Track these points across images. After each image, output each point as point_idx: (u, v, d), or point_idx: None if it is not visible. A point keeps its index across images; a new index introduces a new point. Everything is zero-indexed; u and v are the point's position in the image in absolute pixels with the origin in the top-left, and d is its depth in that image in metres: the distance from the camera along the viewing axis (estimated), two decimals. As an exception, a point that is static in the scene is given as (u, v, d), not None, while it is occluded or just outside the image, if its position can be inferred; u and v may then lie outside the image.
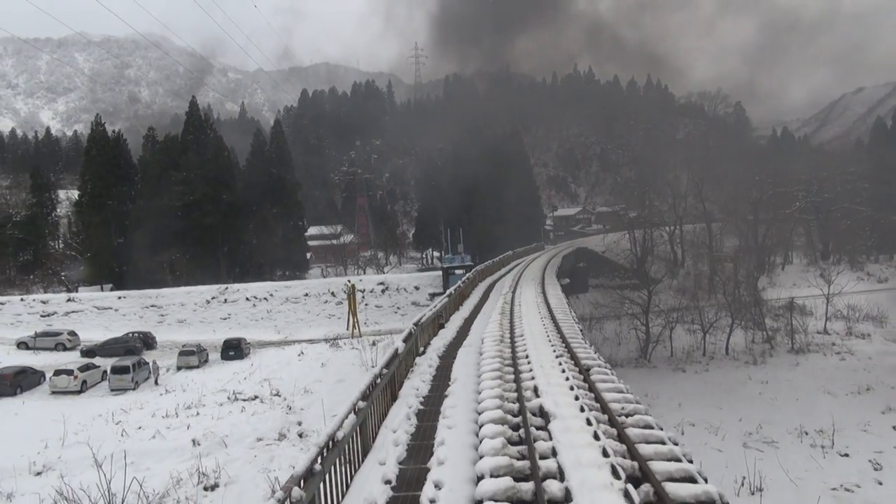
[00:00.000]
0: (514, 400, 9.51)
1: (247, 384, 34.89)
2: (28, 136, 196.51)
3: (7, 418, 30.83)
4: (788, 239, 69.22)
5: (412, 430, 9.66)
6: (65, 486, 21.00)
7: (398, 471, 8.08)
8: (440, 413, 9.74)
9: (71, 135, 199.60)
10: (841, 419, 26.18)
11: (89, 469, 22.42)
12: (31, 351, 44.16)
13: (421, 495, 6.84)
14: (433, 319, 17.84)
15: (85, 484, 20.53)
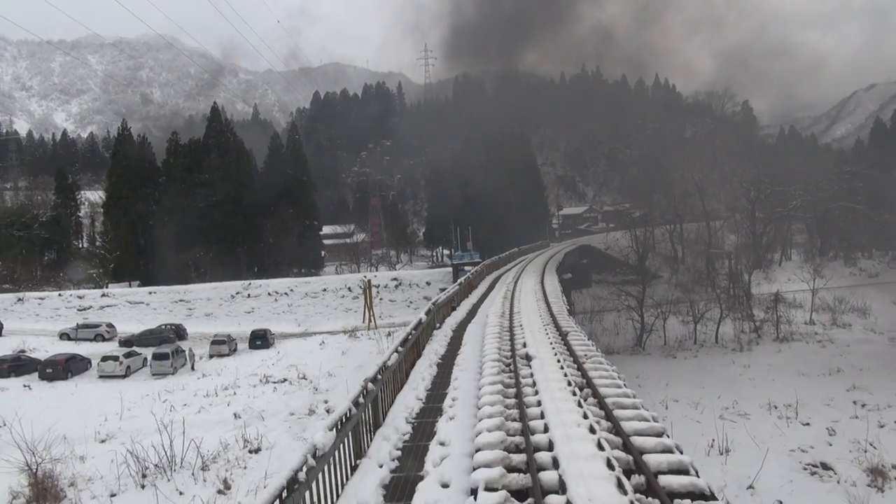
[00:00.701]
0: (509, 350, 13.23)
1: (275, 369, 38.77)
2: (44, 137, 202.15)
3: (65, 398, 34.79)
4: (785, 236, 72.28)
5: (434, 373, 13.38)
6: (130, 448, 24.90)
7: (426, 394, 11.81)
8: (454, 364, 13.45)
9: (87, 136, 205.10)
10: (809, 396, 29.67)
11: (146, 437, 26.27)
12: (73, 341, 48.18)
13: (443, 404, 10.54)
14: (447, 302, 21.58)
15: (145, 448, 24.43)
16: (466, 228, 63.66)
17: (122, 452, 25.07)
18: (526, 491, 6.43)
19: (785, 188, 75.68)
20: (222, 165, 70.47)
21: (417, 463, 8.30)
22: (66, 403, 33.73)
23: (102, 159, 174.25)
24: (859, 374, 32.88)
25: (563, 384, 10.16)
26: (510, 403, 9.43)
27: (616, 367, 13.54)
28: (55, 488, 22.32)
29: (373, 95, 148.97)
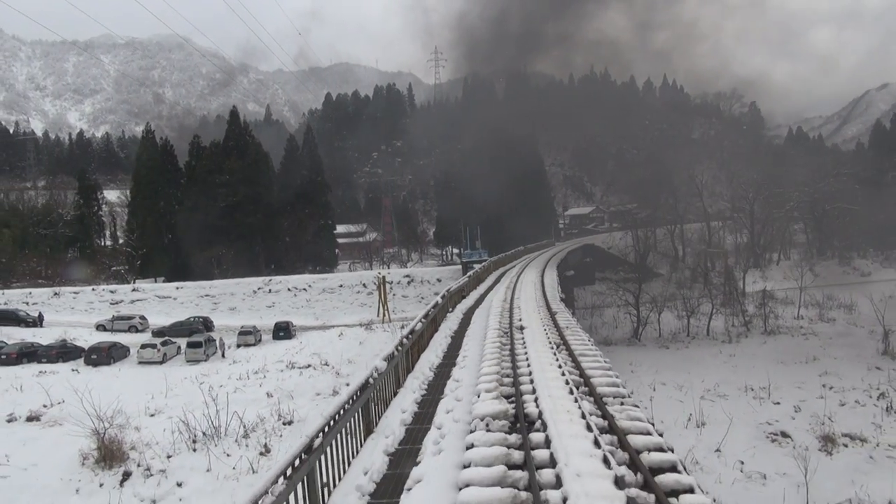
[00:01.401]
0: (507, 324, 16.98)
1: (299, 357, 42.69)
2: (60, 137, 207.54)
3: (111, 380, 38.80)
4: (782, 236, 75.48)
5: (448, 342, 17.18)
6: (178, 421, 28.83)
7: (443, 354, 15.60)
8: (465, 335, 17.24)
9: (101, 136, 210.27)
10: (783, 380, 33.26)
11: (190, 412, 30.18)
12: (109, 332, 52.25)
13: (456, 359, 14.30)
14: (458, 291, 25.37)
15: (192, 420, 28.33)
16: (475, 228, 67.40)
17: (170, 425, 29.13)
18: (518, 422, 10.08)
19: (784, 189, 79.00)
20: (242, 167, 74.52)
21: (438, 392, 12.06)
22: (112, 385, 37.66)
23: (117, 159, 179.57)
24: (833, 362, 36.37)
25: (545, 343, 13.93)
26: (505, 356, 13.18)
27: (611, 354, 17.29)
28: (119, 450, 26.30)
29: (383, 97, 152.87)
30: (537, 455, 7.32)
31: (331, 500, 7.63)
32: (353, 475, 8.37)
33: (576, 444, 7.43)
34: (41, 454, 27.60)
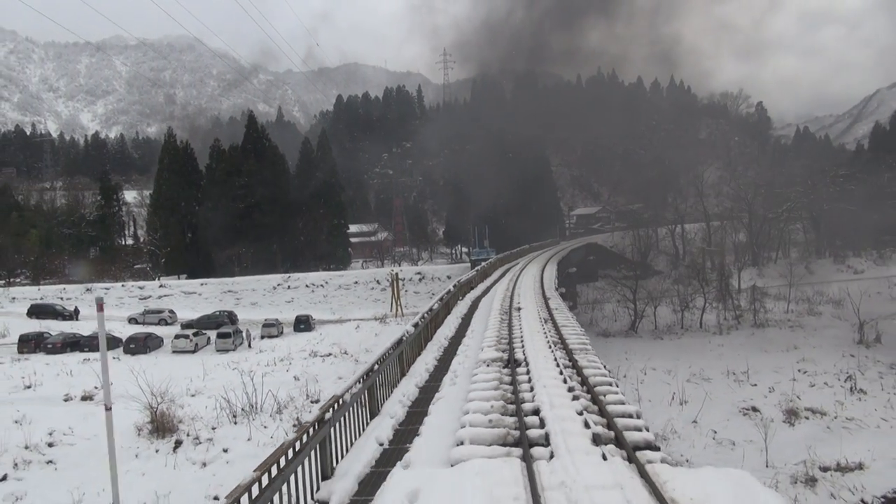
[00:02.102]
0: (508, 306, 20.84)
1: (320, 346, 46.67)
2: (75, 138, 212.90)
3: (150, 366, 42.77)
4: (780, 236, 78.75)
5: (459, 322, 21.04)
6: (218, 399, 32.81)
7: (455, 330, 19.44)
8: (473, 317, 21.09)
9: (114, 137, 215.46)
10: (763, 366, 36.90)
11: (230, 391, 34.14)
12: (140, 325, 56.44)
13: (466, 333, 18.16)
14: (467, 283, 29.26)
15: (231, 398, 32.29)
16: (483, 228, 71.22)
17: (211, 403, 33.20)
18: (509, 360, 13.96)
19: (783, 190, 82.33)
20: (259, 169, 78.64)
21: (452, 353, 15.91)
22: (151, 370, 41.71)
23: (131, 160, 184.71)
24: (811, 351, 39.95)
25: (537, 319, 17.78)
26: (504, 326, 17.03)
27: (608, 344, 21.11)
28: (171, 423, 30.36)
29: (393, 99, 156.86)
30: (520, 377, 11.18)
31: (384, 407, 11.54)
32: (394, 397, 12.28)
33: (547, 372, 11.31)
34: (100, 427, 31.60)
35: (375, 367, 11.26)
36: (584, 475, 6.66)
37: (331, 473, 8.34)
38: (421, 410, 11.04)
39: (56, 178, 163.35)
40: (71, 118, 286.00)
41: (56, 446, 29.48)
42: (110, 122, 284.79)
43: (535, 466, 6.94)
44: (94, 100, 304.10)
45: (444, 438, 8.96)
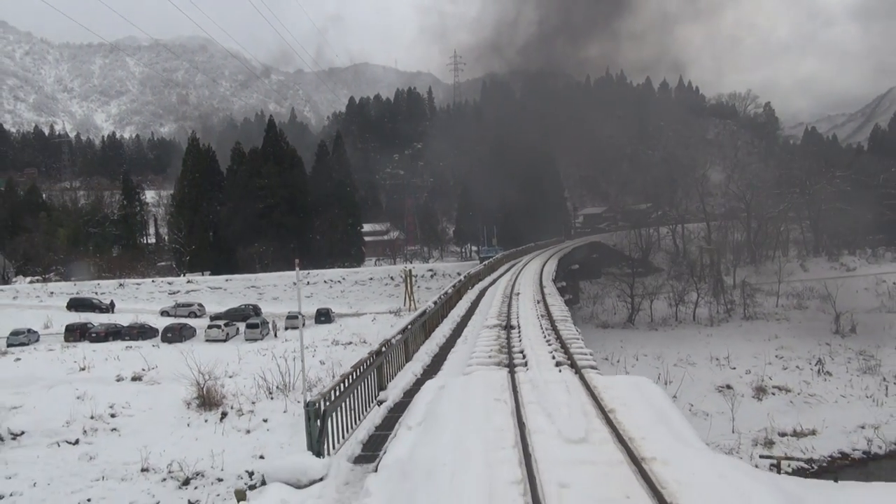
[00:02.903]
0: (510, 292, 25.31)
1: (341, 336, 51.25)
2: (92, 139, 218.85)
3: (187, 353, 47.30)
4: (777, 235, 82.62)
5: (468, 306, 25.51)
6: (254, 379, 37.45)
7: (465, 311, 23.92)
8: (480, 301, 25.56)
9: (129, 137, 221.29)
10: (744, 352, 41.14)
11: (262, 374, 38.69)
12: (172, 317, 61.18)
13: (475, 312, 22.67)
14: (476, 275, 33.74)
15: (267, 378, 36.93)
16: (492, 227, 75.61)
17: (248, 382, 37.89)
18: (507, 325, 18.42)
19: (782, 190, 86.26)
20: (278, 172, 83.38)
21: (463, 325, 20.36)
22: (189, 356, 46.44)
23: (147, 160, 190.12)
24: (791, 340, 44.13)
25: (531, 300, 22.25)
26: (504, 306, 21.48)
27: (606, 335, 25.56)
28: (216, 397, 35.03)
29: (404, 100, 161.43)
30: (513, 335, 15.67)
31: (414, 356, 16.05)
32: (421, 351, 16.76)
33: (532, 332, 15.83)
34: (153, 402, 36.52)
35: (409, 327, 15.74)
36: (544, 376, 11.17)
37: (385, 386, 12.78)
38: (441, 357, 15.56)
39: (74, 178, 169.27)
40: (85, 118, 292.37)
41: (117, 417, 34.28)
42: (124, 122, 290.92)
43: (516, 373, 11.45)
44: (107, 100, 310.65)
45: (459, 369, 13.45)
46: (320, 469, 8.33)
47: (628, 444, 7.78)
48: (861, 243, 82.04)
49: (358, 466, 8.84)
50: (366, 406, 11.33)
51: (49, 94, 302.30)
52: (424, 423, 9.05)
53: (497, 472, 7.00)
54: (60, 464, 30.26)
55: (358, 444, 9.79)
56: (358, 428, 10.51)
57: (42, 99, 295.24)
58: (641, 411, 9.26)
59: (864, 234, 79.93)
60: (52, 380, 40.27)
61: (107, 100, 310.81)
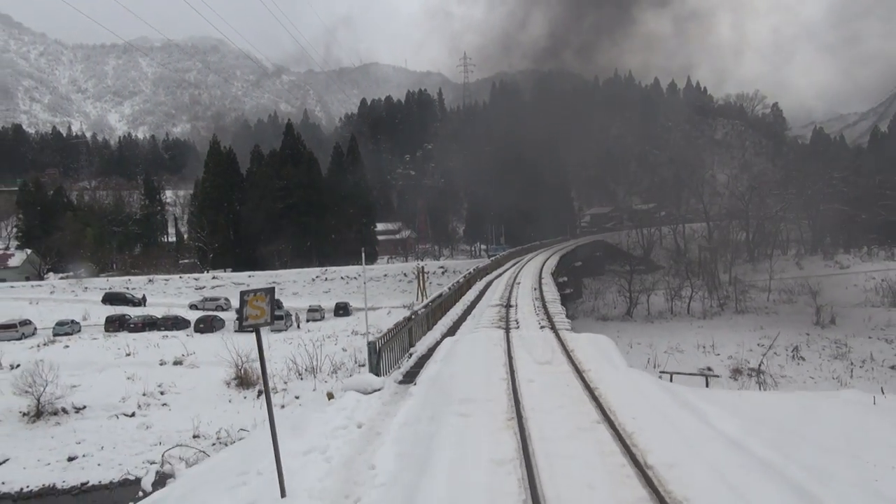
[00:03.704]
0: (512, 282, 29.93)
1: (359, 327, 55.92)
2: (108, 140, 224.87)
3: (218, 341, 52.27)
4: (776, 234, 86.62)
5: (477, 293, 30.11)
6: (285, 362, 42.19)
7: (475, 296, 28.55)
8: (486, 290, 30.19)
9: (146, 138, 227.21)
10: (729, 341, 45.50)
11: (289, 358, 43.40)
12: (200, 311, 66.09)
13: (482, 296, 27.32)
14: (484, 269, 38.37)
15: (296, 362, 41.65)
16: (500, 227, 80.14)
17: (278, 366, 42.61)
18: (507, 304, 23.05)
19: (782, 191, 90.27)
20: (296, 173, 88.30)
21: (472, 307, 24.96)
22: (221, 344, 51.27)
23: (162, 160, 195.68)
24: (774, 330, 48.37)
25: (529, 289, 26.84)
26: (506, 293, 26.08)
27: (605, 326, 30.18)
28: (252, 378, 39.76)
29: (415, 101, 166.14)
30: (511, 310, 20.28)
31: (434, 326, 20.68)
32: (439, 324, 21.39)
33: (526, 308, 20.50)
34: (195, 382, 41.37)
35: (430, 303, 20.38)
36: (530, 333, 15.85)
37: (413, 344, 17.40)
38: (455, 327, 20.23)
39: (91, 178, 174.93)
40: (99, 119, 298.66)
41: (166, 394, 39.16)
42: (137, 122, 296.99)
43: (510, 331, 16.11)
44: (121, 100, 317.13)
45: (469, 332, 18.08)
46: (378, 383, 13.01)
47: (576, 364, 12.41)
48: (857, 242, 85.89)
49: (402, 385, 13.48)
50: (402, 355, 15.99)
51: (63, 95, 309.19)
52: (445, 359, 13.71)
53: (492, 377, 11.66)
54: (121, 432, 35.11)
55: (399, 374, 14.45)
56: (398, 367, 15.16)
57: (57, 99, 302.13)
58: (592, 352, 13.87)
59: (860, 233, 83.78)
60: (102, 364, 45.34)
61: (120, 100, 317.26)
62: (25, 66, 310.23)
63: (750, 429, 9.16)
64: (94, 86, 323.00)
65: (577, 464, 7.54)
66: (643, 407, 9.78)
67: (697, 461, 7.70)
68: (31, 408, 36.41)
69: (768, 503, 6.78)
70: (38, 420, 36.37)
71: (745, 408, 10.85)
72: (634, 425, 8.84)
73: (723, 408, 10.14)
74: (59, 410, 36.92)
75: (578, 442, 8.25)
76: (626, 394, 10.55)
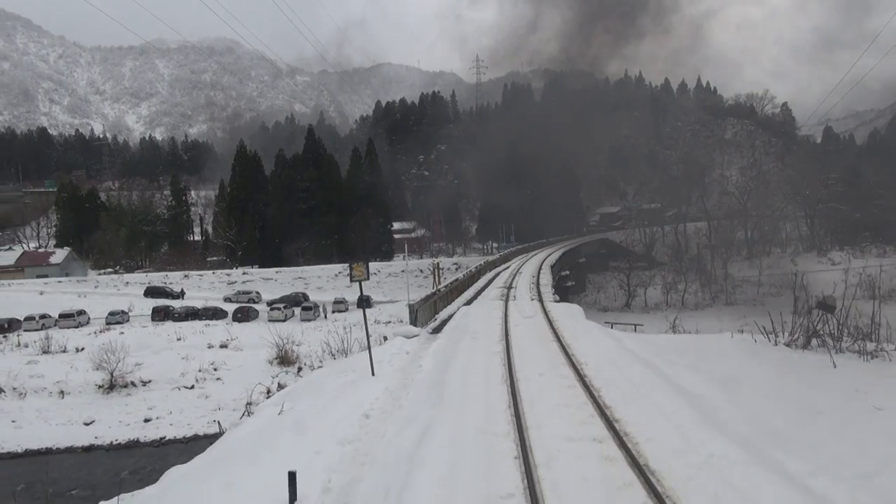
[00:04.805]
0: (515, 272, 36.51)
1: (381, 317, 62.55)
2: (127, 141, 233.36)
3: (255, 329, 59.11)
4: (772, 232, 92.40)
5: (485, 283, 36.65)
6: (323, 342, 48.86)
7: (483, 285, 35.11)
8: (493, 280, 36.77)
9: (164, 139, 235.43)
10: (711, 328, 51.62)
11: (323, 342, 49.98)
12: (234, 303, 73.01)
13: (490, 285, 33.93)
14: (492, 262, 44.95)
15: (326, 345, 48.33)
16: (510, 226, 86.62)
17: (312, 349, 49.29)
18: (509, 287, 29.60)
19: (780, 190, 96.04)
20: (318, 176, 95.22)
21: (481, 291, 31.48)
22: (259, 331, 58.11)
23: (181, 161, 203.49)
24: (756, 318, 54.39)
25: (528, 279, 33.37)
26: (510, 280, 32.59)
27: (605, 316, 36.70)
28: (292, 357, 46.51)
29: (429, 103, 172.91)
30: (511, 291, 26.87)
31: (453, 303, 27.26)
32: (455, 301, 27.92)
33: (523, 289, 27.12)
34: (242, 361, 48.17)
35: (448, 285, 26.93)
36: (523, 303, 22.59)
37: (438, 311, 23.93)
38: (469, 302, 26.71)
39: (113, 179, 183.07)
40: (117, 120, 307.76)
41: (219, 371, 45.93)
42: (154, 123, 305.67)
43: (508, 302, 22.77)
44: (138, 101, 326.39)
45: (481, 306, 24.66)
46: (416, 331, 19.65)
47: (550, 319, 18.94)
48: (851, 240, 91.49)
49: (432, 334, 20.06)
50: (430, 318, 22.62)
51: (82, 97, 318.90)
52: (462, 317, 20.35)
53: (492, 324, 18.27)
54: (184, 400, 41.95)
55: (430, 328, 21.06)
56: (427, 326, 21.78)
57: (76, 101, 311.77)
58: (563, 312, 20.41)
59: (856, 231, 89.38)
60: (157, 347, 52.28)
61: (137, 101, 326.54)
62: (45, 69, 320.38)
63: (643, 347, 15.66)
64: (112, 87, 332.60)
65: (534, 357, 14.10)
66: (584, 337, 16.29)
67: (605, 358, 14.22)
68: (105, 381, 43.29)
69: (634, 375, 13.23)
70: (111, 391, 43.32)
71: (648, 340, 17.34)
72: (574, 342, 15.37)
73: (632, 339, 16.61)
74: (129, 384, 43.85)
75: (539, 348, 14.80)
76: (577, 332, 17.07)
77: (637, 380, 12.31)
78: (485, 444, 8.75)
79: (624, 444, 8.49)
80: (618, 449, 8.41)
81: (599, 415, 9.86)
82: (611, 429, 9.14)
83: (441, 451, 8.44)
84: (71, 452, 35.45)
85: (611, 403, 10.47)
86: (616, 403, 10.46)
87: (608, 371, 13.02)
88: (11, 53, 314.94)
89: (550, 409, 10.27)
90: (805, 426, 9.51)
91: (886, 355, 14.57)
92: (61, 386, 43.69)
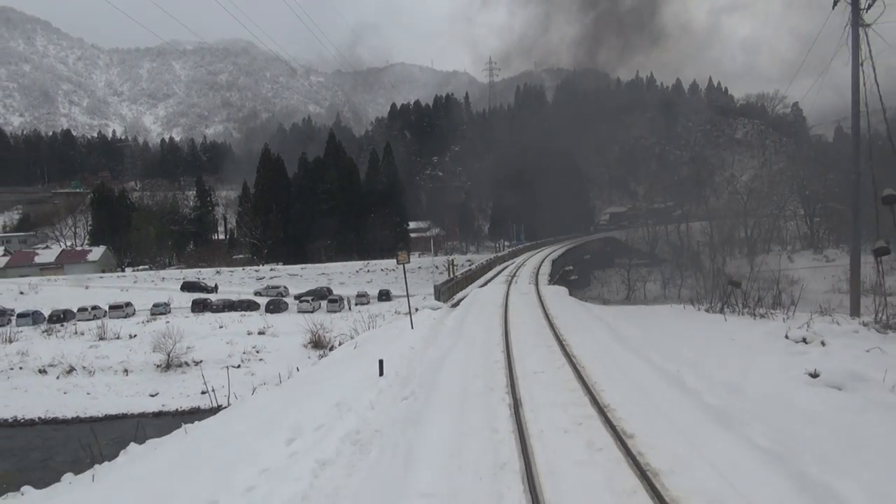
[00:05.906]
0: (520, 265, 43.16)
1: (401, 309, 69.23)
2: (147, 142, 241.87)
3: (287, 319, 66.01)
4: (772, 231, 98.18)
5: (493, 274, 43.26)
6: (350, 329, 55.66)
7: (492, 276, 41.75)
8: (500, 272, 43.42)
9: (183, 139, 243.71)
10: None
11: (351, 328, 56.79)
12: (264, 297, 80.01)
13: (496, 277, 40.62)
14: (501, 258, 51.62)
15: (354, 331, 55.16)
16: (521, 225, 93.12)
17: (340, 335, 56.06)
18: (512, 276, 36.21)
19: (782, 190, 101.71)
20: (338, 178, 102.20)
21: (491, 279, 38.12)
22: (292, 320, 65.01)
23: (201, 162, 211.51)
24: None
25: (531, 269, 39.99)
26: (512, 272, 39.21)
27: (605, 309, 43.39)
28: (324, 341, 53.36)
29: (442, 105, 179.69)
30: (514, 281, 33.59)
31: (469, 287, 33.93)
32: (469, 287, 34.58)
33: (524, 279, 33.84)
34: (280, 345, 55.11)
35: (464, 272, 33.58)
36: (523, 286, 29.41)
37: (456, 293, 30.60)
38: (481, 286, 33.36)
39: (136, 179, 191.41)
40: (135, 121, 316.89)
41: (260, 353, 52.92)
42: (171, 124, 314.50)
43: (510, 285, 29.54)
44: (155, 103, 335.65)
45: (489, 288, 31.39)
46: (440, 305, 26.40)
47: (540, 295, 25.58)
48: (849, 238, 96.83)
49: (452, 308, 26.72)
50: (450, 298, 29.32)
51: (101, 98, 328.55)
52: (474, 295, 27.03)
53: (497, 298, 24.99)
54: (233, 377, 48.61)
55: (450, 306, 27.76)
56: (448, 302, 28.48)
57: (94, 103, 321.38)
58: (553, 293, 27.03)
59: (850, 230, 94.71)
60: (202, 333, 59.32)
61: (154, 102, 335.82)
62: (64, 71, 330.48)
63: (604, 312, 22.24)
64: (130, 89, 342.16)
65: (525, 321, 20.75)
66: (564, 308, 22.89)
67: (572, 317, 20.81)
68: (162, 361, 50.44)
69: (589, 324, 19.81)
70: (168, 370, 50.44)
71: (614, 310, 23.91)
72: (557, 313, 21.98)
73: (598, 308, 23.17)
74: (183, 363, 50.99)
75: (528, 314, 21.45)
76: (560, 305, 23.69)
77: (589, 325, 18.97)
78: (486, 352, 15.43)
79: (564, 348, 15.14)
80: (559, 350, 15.08)
81: (554, 337, 16.60)
82: (559, 342, 15.80)
83: (459, 356, 15.12)
84: (143, 417, 42.58)
85: (564, 334, 17.15)
86: (568, 334, 17.13)
87: (571, 323, 19.64)
88: (32, 56, 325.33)
89: (525, 336, 16.98)
90: (677, 345, 16.04)
91: (771, 316, 20.97)
92: (125, 365, 51.05)
